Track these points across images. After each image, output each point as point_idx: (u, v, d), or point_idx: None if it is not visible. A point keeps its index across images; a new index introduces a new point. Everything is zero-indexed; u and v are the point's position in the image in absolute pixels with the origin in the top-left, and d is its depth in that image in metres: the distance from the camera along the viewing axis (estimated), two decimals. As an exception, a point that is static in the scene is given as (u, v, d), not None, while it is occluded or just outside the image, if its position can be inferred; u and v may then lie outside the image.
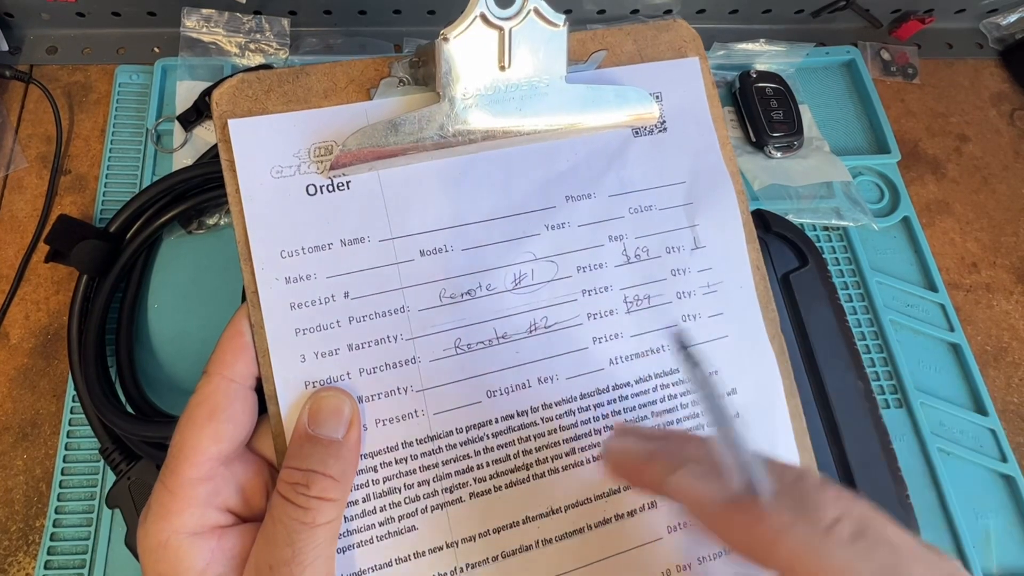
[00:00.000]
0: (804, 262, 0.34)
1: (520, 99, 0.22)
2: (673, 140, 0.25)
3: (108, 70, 0.44)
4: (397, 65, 0.23)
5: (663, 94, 0.25)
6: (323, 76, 0.23)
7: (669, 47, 0.25)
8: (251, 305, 0.21)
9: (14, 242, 0.39)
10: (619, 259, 0.24)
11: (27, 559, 0.32)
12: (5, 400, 0.35)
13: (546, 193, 0.24)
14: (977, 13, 0.50)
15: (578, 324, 0.23)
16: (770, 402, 0.24)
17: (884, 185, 0.43)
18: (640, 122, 0.24)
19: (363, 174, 0.22)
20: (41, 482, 0.34)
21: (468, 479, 0.22)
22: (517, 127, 0.22)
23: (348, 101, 0.23)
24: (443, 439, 0.22)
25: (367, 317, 0.22)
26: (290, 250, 0.22)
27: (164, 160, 0.41)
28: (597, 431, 0.22)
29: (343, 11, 0.45)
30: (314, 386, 0.21)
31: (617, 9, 0.46)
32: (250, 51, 0.44)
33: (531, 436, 0.22)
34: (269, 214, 0.22)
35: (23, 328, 0.37)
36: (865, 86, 0.46)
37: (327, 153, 0.22)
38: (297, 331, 0.21)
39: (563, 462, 0.22)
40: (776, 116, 0.42)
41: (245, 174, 0.22)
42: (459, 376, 0.22)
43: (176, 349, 0.36)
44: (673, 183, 0.25)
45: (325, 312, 0.22)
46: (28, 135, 0.42)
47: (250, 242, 0.21)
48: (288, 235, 0.22)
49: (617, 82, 0.24)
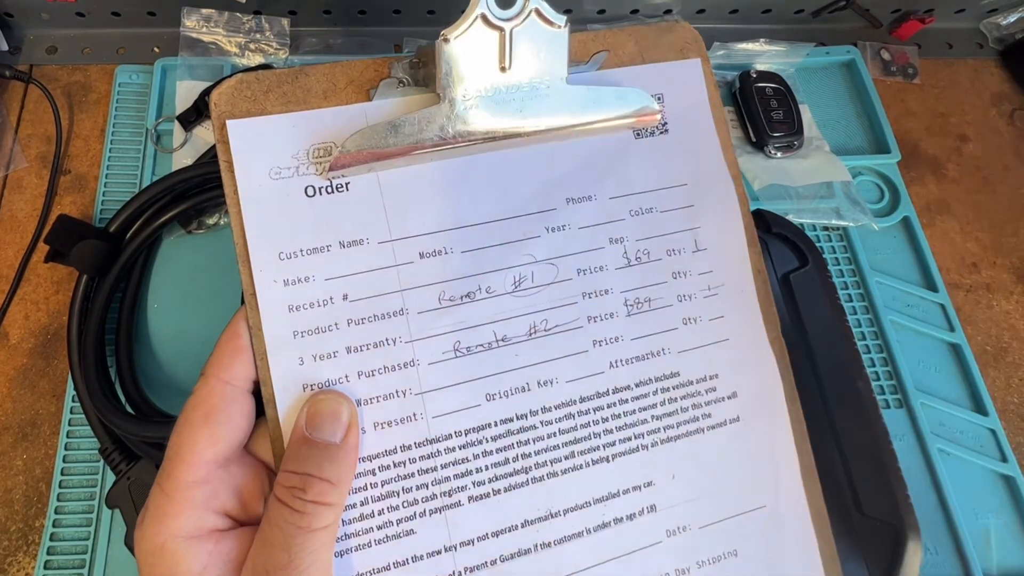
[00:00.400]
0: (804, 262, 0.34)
1: (521, 100, 0.22)
2: (674, 142, 0.25)
3: (108, 70, 0.44)
4: (397, 66, 0.23)
5: (665, 95, 0.25)
6: (322, 77, 0.23)
7: (671, 48, 0.25)
8: (249, 307, 0.21)
9: (14, 242, 0.39)
10: (620, 261, 0.24)
11: (27, 559, 0.32)
12: (5, 400, 0.35)
13: (546, 195, 0.23)
14: (977, 13, 0.50)
15: (578, 327, 0.23)
16: (771, 406, 0.24)
17: (884, 185, 0.43)
18: (641, 124, 0.24)
19: (362, 176, 0.22)
20: (41, 482, 0.34)
21: (467, 482, 0.21)
22: (518, 128, 0.22)
23: (347, 102, 0.23)
24: (442, 442, 0.22)
25: (366, 319, 0.22)
26: (288, 252, 0.21)
27: (164, 160, 0.41)
28: (596, 435, 0.22)
29: (343, 11, 0.45)
30: (312, 389, 0.21)
31: (617, 9, 0.46)
32: (250, 51, 0.44)
33: (530, 440, 0.22)
34: (267, 216, 0.22)
35: (23, 328, 0.37)
36: (865, 86, 0.46)
37: (326, 154, 0.22)
38: (295, 333, 0.21)
39: (562, 465, 0.22)
40: (776, 116, 0.42)
41: (243, 175, 0.22)
42: (458, 379, 0.22)
43: (176, 349, 0.36)
44: (674, 185, 0.24)
45: (323, 314, 0.21)
46: (28, 135, 0.42)
47: (248, 244, 0.21)
48: (287, 237, 0.22)
49: (618, 83, 0.24)
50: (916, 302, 0.40)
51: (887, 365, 0.38)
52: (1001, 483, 0.35)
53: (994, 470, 0.35)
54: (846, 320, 0.33)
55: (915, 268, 0.41)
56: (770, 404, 0.24)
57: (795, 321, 0.32)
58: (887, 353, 0.38)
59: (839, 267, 0.40)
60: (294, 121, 0.22)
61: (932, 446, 0.36)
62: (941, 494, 0.35)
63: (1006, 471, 0.35)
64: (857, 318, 0.39)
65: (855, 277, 0.40)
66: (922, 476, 0.35)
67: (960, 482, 0.35)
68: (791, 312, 0.32)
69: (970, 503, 0.35)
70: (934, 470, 0.35)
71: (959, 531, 0.34)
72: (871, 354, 0.38)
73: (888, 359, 0.38)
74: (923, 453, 0.36)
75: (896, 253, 0.41)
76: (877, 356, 0.38)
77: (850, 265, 0.41)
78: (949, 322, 0.39)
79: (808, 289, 0.33)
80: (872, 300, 0.39)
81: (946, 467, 0.35)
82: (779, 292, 0.33)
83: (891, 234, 0.42)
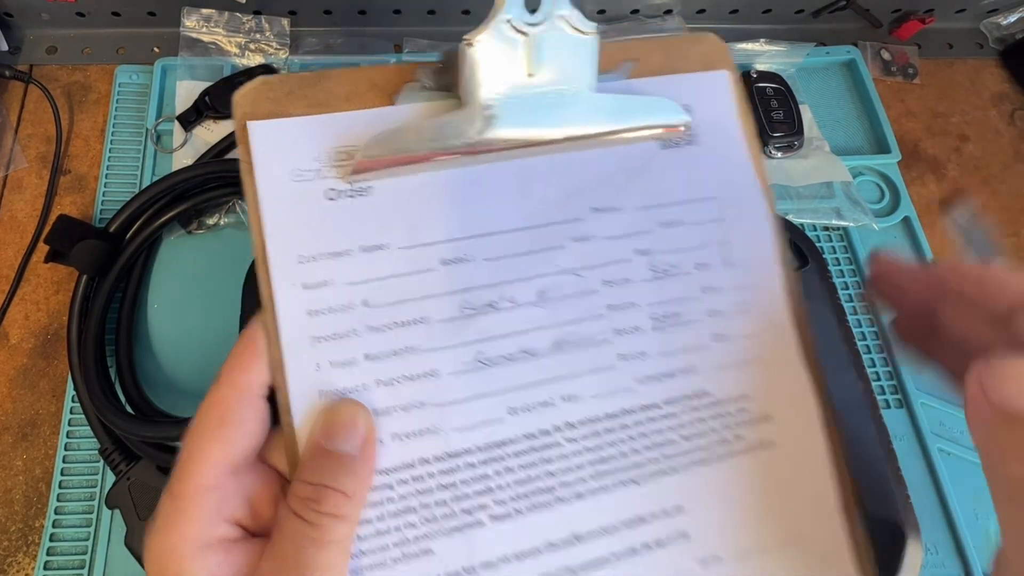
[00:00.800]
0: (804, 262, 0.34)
1: (546, 107, 0.22)
2: (703, 154, 0.24)
3: (108, 70, 0.44)
4: (421, 71, 0.23)
5: (692, 106, 0.24)
6: (345, 80, 0.22)
7: (699, 59, 0.25)
8: (265, 311, 0.21)
9: (14, 242, 0.39)
10: (646, 274, 0.23)
11: (27, 559, 0.32)
12: (5, 400, 0.35)
13: (572, 205, 0.23)
14: (977, 13, 0.50)
15: (604, 341, 0.22)
16: (806, 431, 0.23)
17: (885, 185, 0.43)
18: (669, 134, 0.24)
19: (384, 180, 0.22)
20: (41, 482, 0.34)
21: (487, 501, 0.21)
22: (543, 136, 0.22)
23: (370, 106, 0.22)
24: (461, 457, 0.21)
25: (386, 327, 0.21)
26: (308, 255, 0.21)
27: (164, 160, 0.41)
28: (623, 454, 0.22)
29: (343, 11, 0.45)
30: (329, 396, 0.20)
31: (617, 9, 0.46)
32: (250, 51, 0.44)
33: (554, 457, 0.21)
34: (287, 218, 0.21)
35: (23, 328, 0.37)
36: (865, 86, 0.46)
37: (348, 158, 0.22)
38: (313, 339, 0.21)
39: (588, 486, 0.21)
40: (776, 116, 0.42)
41: (264, 176, 0.21)
42: (480, 391, 0.21)
43: (176, 349, 0.36)
44: (703, 198, 0.24)
45: (343, 320, 0.21)
46: (28, 135, 0.42)
47: (267, 245, 0.21)
48: (306, 239, 0.21)
49: (645, 93, 0.24)
50: (916, 302, 0.40)
51: (888, 365, 0.38)
52: (1001, 483, 0.35)
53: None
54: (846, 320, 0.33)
55: (915, 268, 0.41)
56: (805, 429, 0.23)
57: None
58: (887, 352, 0.38)
59: (839, 267, 0.40)
60: (316, 123, 0.22)
61: (932, 446, 0.36)
62: (941, 494, 0.35)
63: (1006, 471, 0.35)
64: (858, 318, 0.39)
65: (855, 277, 0.40)
66: (923, 476, 0.35)
67: (961, 482, 0.35)
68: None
69: (970, 503, 0.35)
70: (934, 470, 0.35)
71: (959, 531, 0.34)
72: (871, 354, 0.38)
73: (889, 359, 0.38)
74: (923, 453, 0.36)
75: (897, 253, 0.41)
76: (878, 356, 0.38)
77: (850, 265, 0.41)
78: (949, 322, 0.39)
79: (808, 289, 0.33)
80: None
81: (946, 467, 0.35)
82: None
83: (891, 234, 0.42)
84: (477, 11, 0.46)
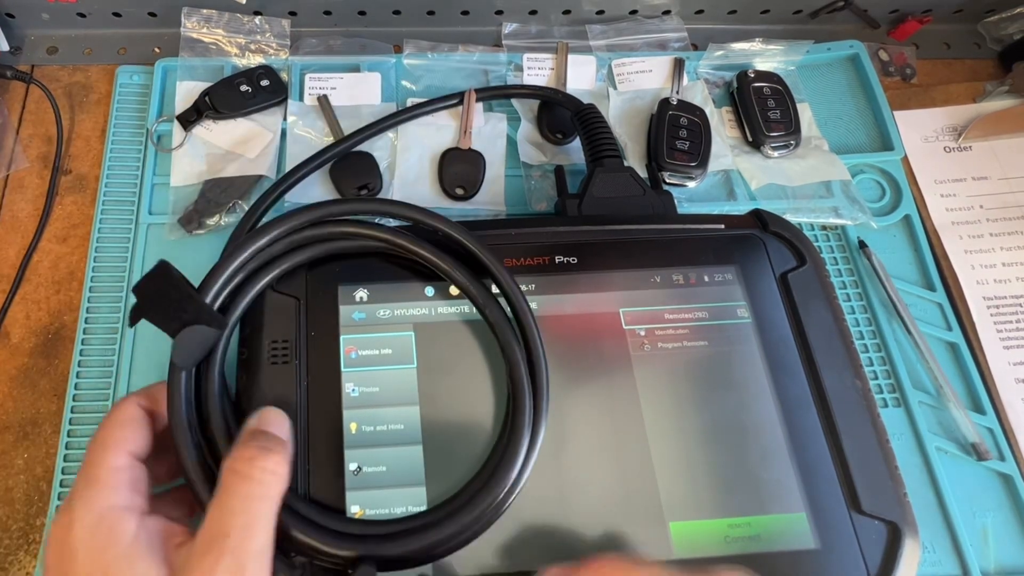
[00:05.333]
0: (802, 261, 0.34)
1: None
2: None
3: (109, 70, 0.44)
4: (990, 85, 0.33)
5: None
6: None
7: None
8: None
9: (15, 242, 0.39)
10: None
11: (27, 558, 0.32)
12: (6, 399, 0.35)
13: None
14: (975, 13, 0.50)
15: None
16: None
17: (886, 183, 0.43)
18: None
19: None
20: (42, 481, 0.34)
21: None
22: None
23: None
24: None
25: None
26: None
27: (164, 160, 0.41)
28: None
29: (343, 11, 0.45)
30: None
31: (616, 9, 0.47)
32: (250, 51, 0.44)
33: None
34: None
35: (24, 328, 0.37)
36: (869, 81, 0.46)
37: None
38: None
39: None
40: (773, 116, 0.42)
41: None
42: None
43: (176, 348, 0.36)
44: None
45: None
46: (29, 135, 0.42)
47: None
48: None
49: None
50: (914, 301, 0.40)
51: (885, 364, 0.38)
52: (999, 481, 0.35)
53: (992, 469, 0.36)
54: (844, 319, 0.33)
55: (914, 267, 0.41)
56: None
57: (793, 320, 0.32)
58: (885, 352, 0.38)
59: (837, 267, 0.40)
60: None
61: (930, 445, 0.36)
62: (939, 493, 0.35)
63: (1004, 469, 0.35)
64: (855, 317, 0.39)
65: (853, 276, 0.40)
66: (920, 475, 0.35)
67: (957, 480, 0.35)
68: (789, 312, 0.32)
69: (968, 502, 0.35)
70: (932, 469, 0.35)
71: (957, 529, 0.34)
72: (869, 353, 0.38)
73: (886, 358, 0.38)
74: (921, 452, 0.36)
75: (895, 252, 0.41)
76: (875, 355, 0.38)
77: (848, 264, 0.41)
78: (947, 321, 0.39)
79: (806, 288, 0.33)
80: (870, 299, 0.39)
81: (943, 465, 0.35)
82: (777, 292, 0.33)
83: (891, 233, 0.42)
84: (477, 11, 0.46)
